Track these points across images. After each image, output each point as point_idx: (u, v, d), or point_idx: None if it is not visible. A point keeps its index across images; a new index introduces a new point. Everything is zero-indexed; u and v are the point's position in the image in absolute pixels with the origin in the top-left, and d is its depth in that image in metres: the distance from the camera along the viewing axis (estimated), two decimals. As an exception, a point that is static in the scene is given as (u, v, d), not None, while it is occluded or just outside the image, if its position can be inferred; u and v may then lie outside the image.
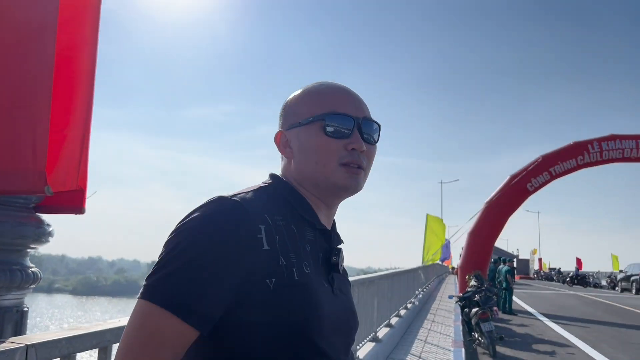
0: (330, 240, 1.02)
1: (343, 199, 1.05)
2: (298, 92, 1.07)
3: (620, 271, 32.42)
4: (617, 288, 31.61)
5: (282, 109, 1.08)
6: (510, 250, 65.16)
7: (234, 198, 0.89)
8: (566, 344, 9.90)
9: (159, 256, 0.85)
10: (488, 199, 18.13)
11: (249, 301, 0.84)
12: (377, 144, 1.06)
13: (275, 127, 1.10)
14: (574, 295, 24.61)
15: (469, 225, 18.49)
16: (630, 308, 18.26)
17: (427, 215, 13.69)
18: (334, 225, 1.09)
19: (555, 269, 51.83)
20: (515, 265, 19.25)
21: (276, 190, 1.00)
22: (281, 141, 1.05)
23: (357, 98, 1.05)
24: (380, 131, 1.07)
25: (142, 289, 0.83)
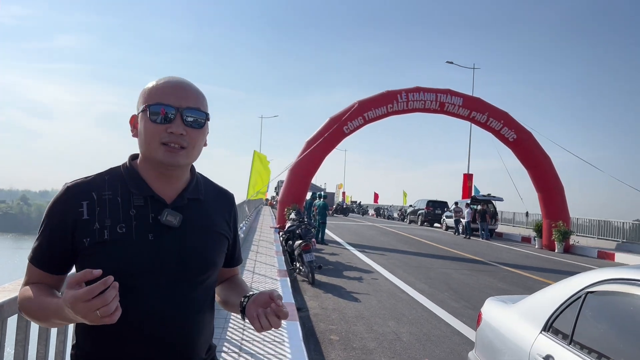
0: (160, 203, 1.30)
1: (175, 170, 1.31)
2: (149, 83, 1.32)
3: (410, 206, 37.36)
4: (405, 220, 36.48)
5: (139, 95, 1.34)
6: (318, 184, 70.00)
7: (70, 184, 1.29)
8: (370, 270, 11.44)
9: None
10: (309, 138, 19.21)
11: (77, 254, 1.26)
12: (202, 129, 1.31)
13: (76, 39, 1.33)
14: (372, 227, 27.81)
15: (291, 161, 19.47)
16: (416, 237, 21.42)
17: (255, 152, 14.07)
18: (187, 188, 1.36)
19: (356, 202, 57.36)
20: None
21: (120, 170, 1.34)
22: (132, 123, 1.34)
23: (185, 90, 1.29)
24: (208, 117, 1.32)
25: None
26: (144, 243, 1.24)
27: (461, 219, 24.79)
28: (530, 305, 2.92)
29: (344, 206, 46.35)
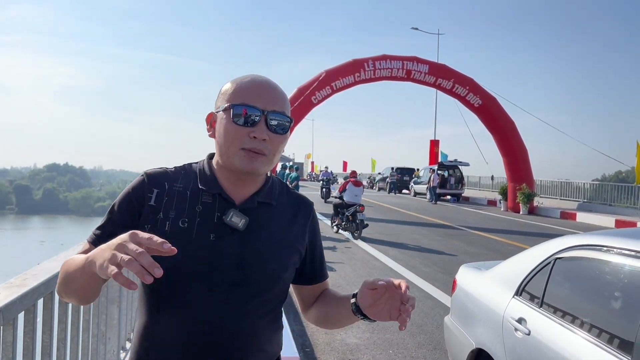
0: (228, 203, 1.22)
1: (251, 177, 1.23)
2: (231, 80, 1.24)
3: (379, 173, 37.78)
4: (374, 187, 36.93)
5: (218, 93, 1.26)
6: (286, 154, 69.96)
7: (149, 170, 1.26)
8: (343, 239, 11.66)
9: None
10: (277, 109, 19.09)
11: None
12: (285, 134, 1.22)
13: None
14: (342, 195, 28.06)
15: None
16: (386, 205, 21.78)
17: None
18: (260, 191, 1.27)
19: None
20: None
21: (197, 166, 1.29)
22: (209, 121, 1.26)
23: (272, 93, 1.20)
24: (291, 124, 1.23)
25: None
26: (203, 242, 1.17)
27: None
28: (503, 271, 3.09)
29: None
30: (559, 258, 2.59)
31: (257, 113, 1.17)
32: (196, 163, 1.30)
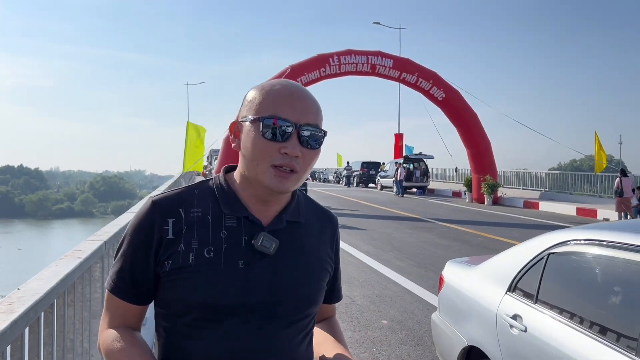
0: (255, 225, 1.12)
1: (277, 196, 1.13)
2: (258, 86, 1.13)
3: (345, 169, 37.96)
4: (341, 182, 37.06)
5: (243, 99, 1.14)
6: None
7: (156, 198, 1.13)
8: (315, 236, 11.59)
9: None
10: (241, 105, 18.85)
11: (160, 278, 1.10)
12: (319, 149, 1.12)
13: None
14: (310, 191, 28.05)
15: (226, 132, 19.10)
16: (355, 199, 21.85)
17: (188, 123, 13.67)
18: (287, 209, 1.17)
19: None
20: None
21: (212, 185, 1.16)
22: (233, 131, 1.14)
23: (305, 104, 1.09)
24: (325, 136, 1.13)
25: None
26: (233, 271, 1.08)
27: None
28: (494, 267, 3.08)
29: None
30: (552, 253, 2.58)
31: (289, 126, 1.06)
32: (209, 180, 1.19)
